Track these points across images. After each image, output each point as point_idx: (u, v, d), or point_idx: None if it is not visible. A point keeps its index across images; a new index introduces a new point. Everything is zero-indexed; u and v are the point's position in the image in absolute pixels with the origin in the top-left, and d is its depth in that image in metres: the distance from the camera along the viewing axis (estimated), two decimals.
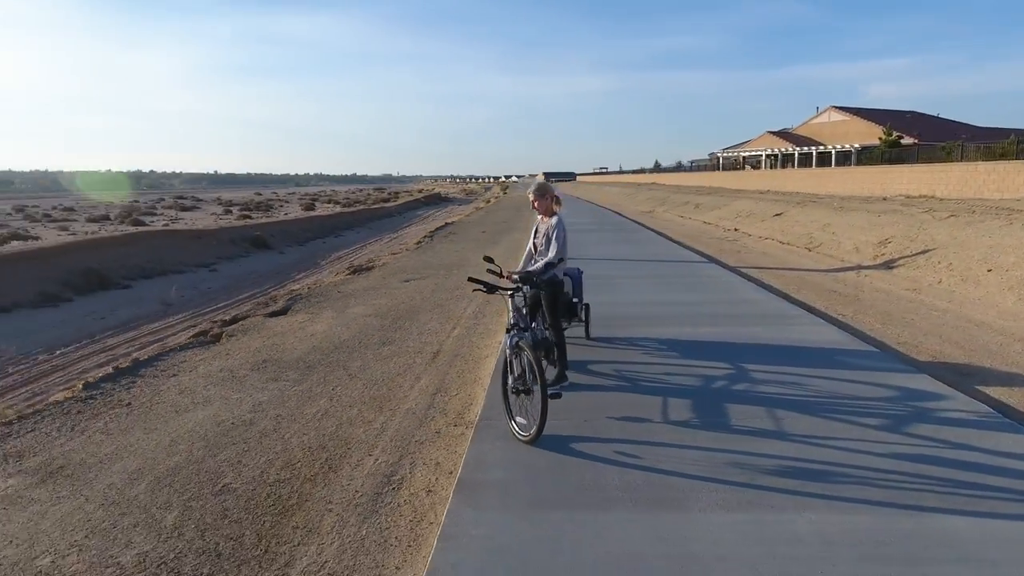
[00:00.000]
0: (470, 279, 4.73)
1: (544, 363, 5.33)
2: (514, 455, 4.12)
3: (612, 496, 3.57)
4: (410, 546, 3.28)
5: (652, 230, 20.35)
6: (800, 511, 3.38)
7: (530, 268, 5.25)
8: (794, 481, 3.69)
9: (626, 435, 4.37)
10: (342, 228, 37.19)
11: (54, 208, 51.30)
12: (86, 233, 28.01)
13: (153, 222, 36.09)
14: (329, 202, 62.34)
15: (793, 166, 45.00)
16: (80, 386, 6.11)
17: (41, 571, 3.15)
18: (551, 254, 5.18)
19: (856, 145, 39.05)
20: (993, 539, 3.11)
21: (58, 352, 9.34)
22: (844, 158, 39.72)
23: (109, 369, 6.72)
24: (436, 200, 66.10)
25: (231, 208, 51.51)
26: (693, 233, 19.31)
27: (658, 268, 11.72)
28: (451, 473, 3.99)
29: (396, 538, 3.37)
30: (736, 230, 19.26)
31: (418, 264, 14.60)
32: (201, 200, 69.83)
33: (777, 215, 19.18)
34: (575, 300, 6.47)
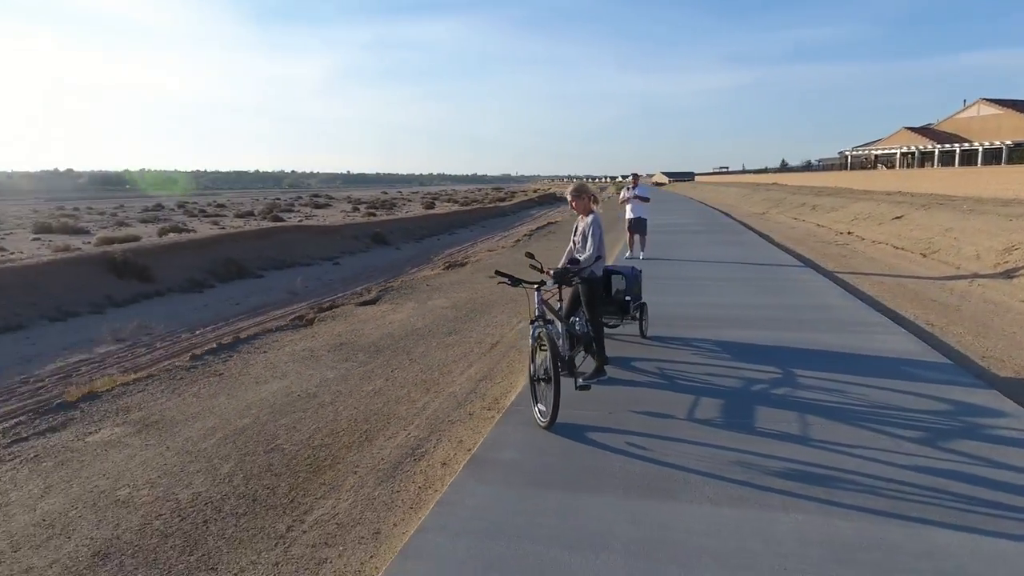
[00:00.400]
0: (496, 272, 5.04)
1: (583, 355, 5.56)
2: (530, 439, 4.39)
3: (607, 481, 3.76)
4: (411, 508, 3.66)
5: (757, 232, 19.56)
6: (787, 512, 3.40)
7: (567, 264, 5.48)
8: (795, 484, 3.68)
9: (643, 428, 4.50)
10: (457, 226, 38.70)
11: (209, 204, 57.27)
12: (227, 228, 31.19)
13: (290, 218, 39.36)
14: (448, 201, 64.89)
15: (932, 165, 41.03)
16: (188, 357, 7.09)
17: (119, 500, 3.85)
18: (587, 252, 5.38)
19: (1008, 142, 34.93)
20: (988, 557, 2.99)
21: (197, 332, 10.69)
22: (993, 156, 35.67)
23: (213, 344, 7.69)
24: (550, 200, 66.77)
25: (359, 206, 54.99)
26: (800, 236, 18.35)
27: (747, 271, 11.39)
28: (469, 450, 4.33)
29: (402, 500, 3.76)
30: (849, 233, 18.08)
31: (509, 260, 15.07)
32: (333, 198, 75.00)
33: (897, 218, 17.77)
34: (627, 298, 6.60)
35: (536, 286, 4.82)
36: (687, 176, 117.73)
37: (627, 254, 13.26)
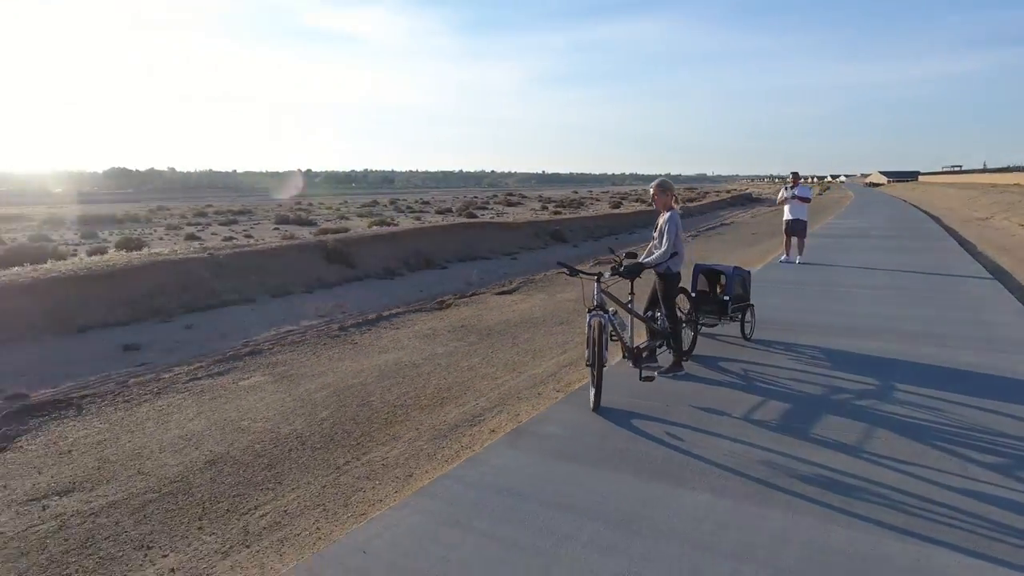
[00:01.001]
0: (558, 263, 5.38)
1: (661, 349, 5.69)
2: (576, 418, 4.70)
3: (625, 461, 3.97)
4: (447, 461, 4.21)
5: (959, 239, 17.09)
6: (787, 513, 3.37)
7: (642, 260, 5.62)
8: (813, 489, 3.60)
9: (691, 422, 4.57)
10: (639, 225, 38.48)
11: (415, 201, 63.12)
12: (426, 223, 34.32)
13: (483, 215, 42.00)
14: (637, 200, 64.39)
15: None
16: (336, 327, 8.36)
17: (240, 427, 4.91)
18: (661, 248, 5.50)
19: None
20: None
21: (374, 312, 12.30)
22: None
23: (358, 319, 8.93)
24: (744, 200, 63.08)
25: (548, 204, 56.87)
26: (1015, 245, 15.69)
27: (912, 281, 10.24)
28: (520, 422, 4.78)
29: (442, 455, 4.33)
30: None
31: None
32: (526, 197, 78.25)
33: None
34: (726, 298, 6.51)
35: (595, 277, 5.08)
36: (909, 176, 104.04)
37: (782, 257, 12.53)
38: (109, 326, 8.91)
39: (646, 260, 5.57)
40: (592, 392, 4.90)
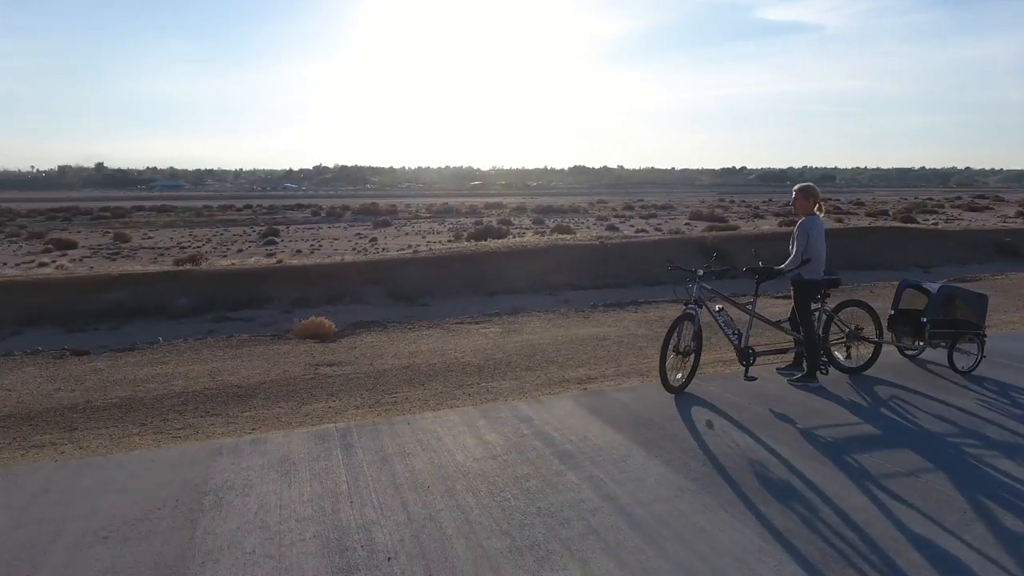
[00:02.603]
0: (667, 260, 5.85)
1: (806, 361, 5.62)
2: (649, 394, 5.36)
3: (656, 444, 4.66)
4: (549, 392, 5.54)
5: None
6: (763, 543, 3.19)
7: (777, 266, 5.63)
8: (815, 537, 3.72)
9: (755, 427, 4.60)
10: None
11: (848, 203, 57.65)
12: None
13: (927, 220, 36.37)
14: None
15: None
16: (588, 308, 9.96)
17: (477, 350, 7.08)
18: (792, 255, 5.45)
19: None
20: None
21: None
22: None
23: (624, 304, 10.30)
24: None
25: None
26: None
27: None
28: (611, 382, 5.70)
29: (534, 391, 5.67)
30: None
31: None
32: (1003, 200, 62.90)
33: None
34: (923, 320, 5.80)
35: (699, 271, 5.48)
36: None
37: None
38: (502, 293, 12.56)
39: (778, 267, 5.60)
40: (668, 376, 5.29)
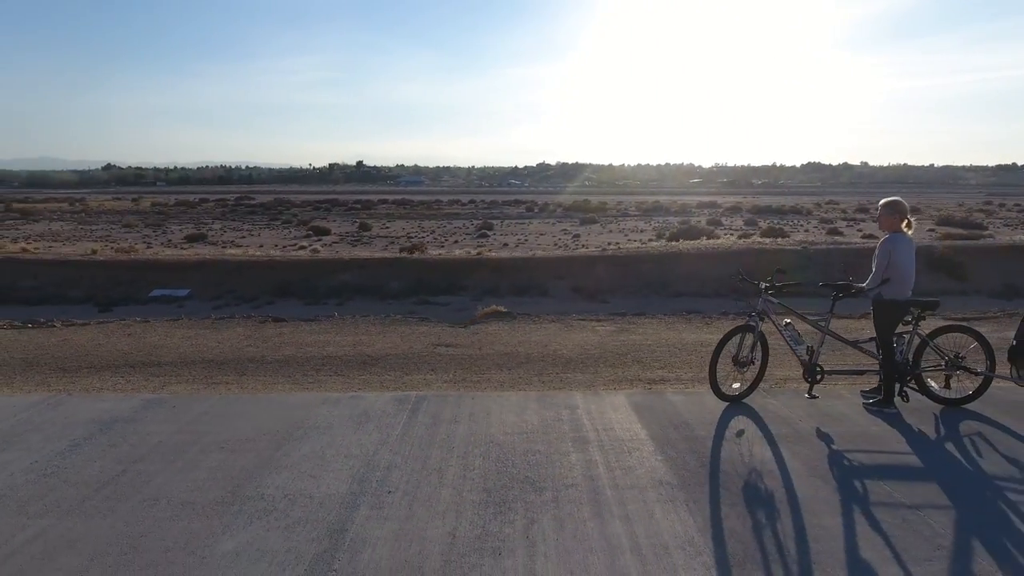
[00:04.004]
0: (737, 271, 5.82)
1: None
2: (694, 399, 5.55)
3: (657, 444, 4.99)
4: (609, 386, 6.08)
5: None
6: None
7: (855, 283, 5.38)
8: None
9: (782, 443, 4.75)
10: None
11: None
12: None
13: None
14: None
15: None
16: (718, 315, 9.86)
17: (551, 351, 7.82)
18: (872, 273, 5.21)
19: None
20: None
21: None
22: None
23: None
24: None
25: None
26: None
27: None
28: (667, 385, 5.99)
29: (605, 385, 6.18)
30: None
31: None
32: None
33: None
34: (1015, 343, 5.16)
35: (764, 285, 5.48)
36: None
37: None
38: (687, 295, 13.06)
39: (857, 285, 5.38)
40: (721, 385, 5.42)
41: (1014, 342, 5.47)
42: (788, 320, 5.54)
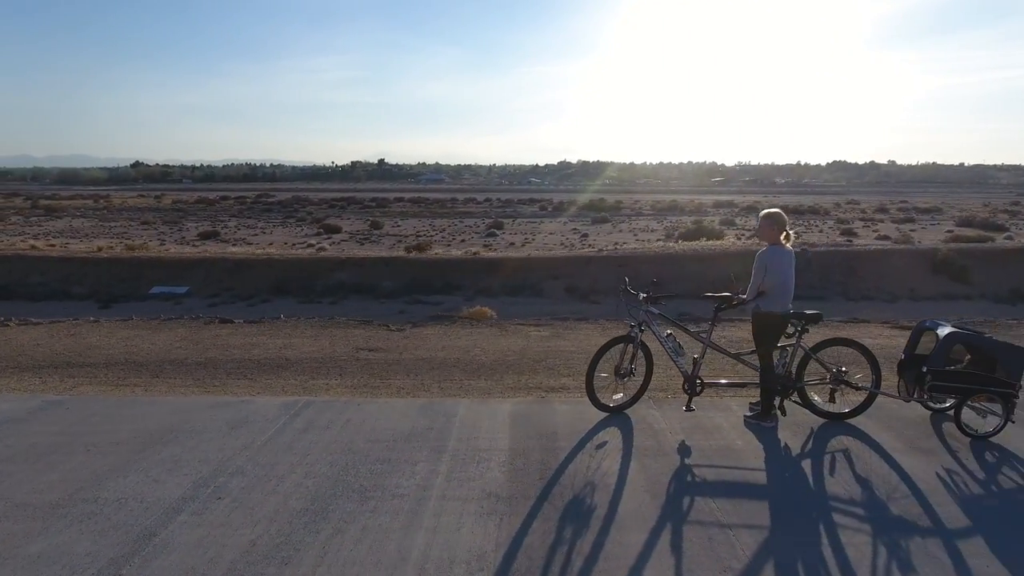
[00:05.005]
0: (623, 280, 5.77)
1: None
2: (577, 409, 5.52)
3: (501, 450, 5.00)
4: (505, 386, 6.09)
5: None
6: None
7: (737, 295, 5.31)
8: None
9: (630, 455, 4.76)
10: None
11: None
12: None
13: None
14: None
15: None
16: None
17: (469, 357, 7.85)
18: (750, 286, 5.14)
19: None
20: None
21: None
22: None
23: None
24: None
25: None
26: None
27: None
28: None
29: (504, 392, 6.19)
30: None
31: None
32: None
33: None
34: (924, 369, 5.02)
35: (643, 295, 5.43)
36: None
37: None
38: (678, 297, 12.79)
39: (740, 296, 5.30)
40: (598, 394, 5.40)
41: (903, 356, 5.36)
42: (670, 331, 5.49)
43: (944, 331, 5.01)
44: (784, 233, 5.13)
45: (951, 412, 5.06)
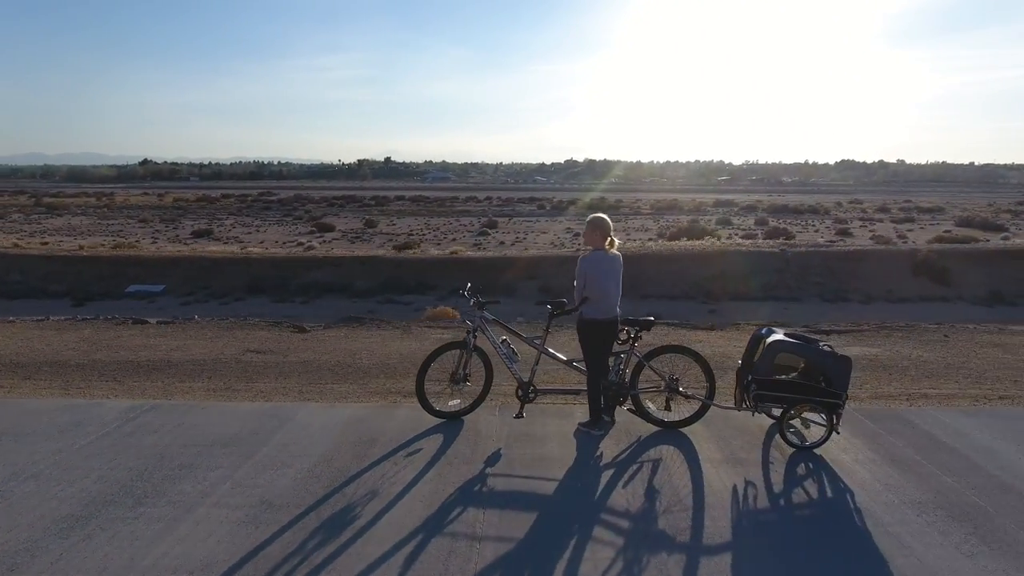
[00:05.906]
0: (467, 285, 5.71)
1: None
2: (415, 415, 5.47)
3: (318, 455, 4.98)
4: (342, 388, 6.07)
5: None
6: None
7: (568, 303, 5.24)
8: None
9: (449, 461, 4.70)
10: None
11: None
12: None
13: None
14: None
15: None
16: None
17: (354, 361, 7.83)
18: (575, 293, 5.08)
19: None
20: None
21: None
22: None
23: None
24: None
25: None
26: None
27: None
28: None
29: (364, 397, 6.17)
30: None
31: None
32: None
33: None
34: (749, 378, 4.93)
35: (471, 300, 5.37)
36: None
37: None
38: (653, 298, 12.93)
39: (569, 304, 5.23)
40: (431, 399, 5.38)
41: (740, 362, 5.27)
42: (505, 337, 5.44)
43: (771, 338, 4.92)
44: (608, 239, 5.06)
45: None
